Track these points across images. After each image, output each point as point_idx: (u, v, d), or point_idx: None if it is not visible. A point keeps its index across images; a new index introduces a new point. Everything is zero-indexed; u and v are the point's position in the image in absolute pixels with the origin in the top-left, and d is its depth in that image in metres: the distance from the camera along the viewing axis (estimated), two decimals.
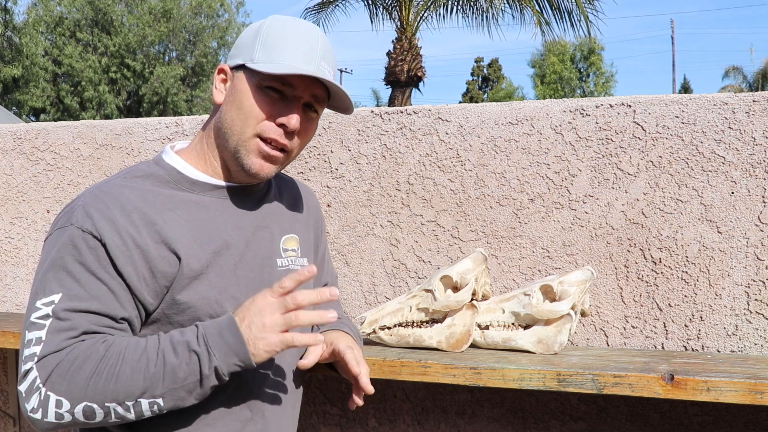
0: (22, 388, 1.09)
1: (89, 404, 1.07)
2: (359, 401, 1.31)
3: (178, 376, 1.09)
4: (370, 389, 1.28)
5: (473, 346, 1.60)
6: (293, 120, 1.21)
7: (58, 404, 1.07)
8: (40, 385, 1.08)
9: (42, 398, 1.07)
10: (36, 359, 1.09)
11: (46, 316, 1.10)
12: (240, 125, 1.22)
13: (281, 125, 1.22)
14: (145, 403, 1.09)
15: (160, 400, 1.09)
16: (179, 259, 1.18)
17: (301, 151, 1.31)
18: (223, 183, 1.28)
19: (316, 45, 1.24)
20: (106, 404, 1.08)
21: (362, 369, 1.29)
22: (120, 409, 1.08)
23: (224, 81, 1.28)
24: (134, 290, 1.15)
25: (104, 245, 1.13)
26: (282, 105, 1.22)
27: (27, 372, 1.09)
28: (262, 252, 1.29)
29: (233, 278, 1.23)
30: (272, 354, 1.12)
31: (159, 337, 1.13)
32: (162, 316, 1.19)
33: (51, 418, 1.08)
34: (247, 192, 1.31)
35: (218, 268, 1.22)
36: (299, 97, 1.23)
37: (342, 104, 1.31)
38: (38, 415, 1.08)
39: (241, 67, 1.24)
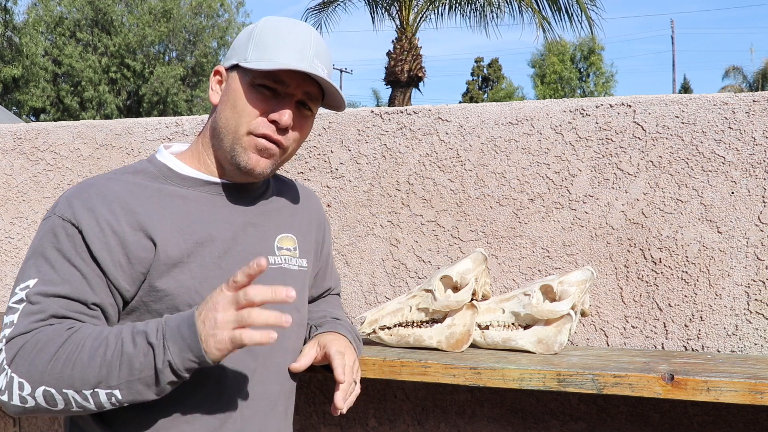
0: None
1: (48, 389, 1.06)
2: (339, 405, 1.27)
3: (135, 367, 1.06)
4: (339, 405, 1.26)
5: (473, 346, 1.60)
6: (285, 116, 1.22)
7: (21, 387, 1.07)
8: (6, 366, 1.08)
9: (8, 379, 1.07)
10: (5, 341, 1.10)
11: (20, 300, 1.12)
12: (234, 123, 1.23)
13: (273, 122, 1.23)
14: (102, 393, 1.06)
15: (117, 392, 1.06)
16: (155, 245, 1.18)
17: (297, 149, 1.31)
18: (217, 180, 1.29)
19: (309, 43, 1.24)
20: (64, 390, 1.06)
21: (346, 378, 1.28)
22: (78, 398, 1.06)
23: (220, 82, 1.29)
24: (110, 276, 1.16)
25: (81, 232, 1.15)
26: (274, 102, 1.23)
27: None
28: (251, 248, 1.29)
29: (217, 270, 1.23)
30: (224, 352, 1.05)
31: (123, 326, 1.11)
32: (140, 304, 1.19)
33: (16, 401, 1.07)
34: (242, 190, 1.31)
35: (200, 258, 1.22)
36: (292, 94, 1.24)
37: (334, 102, 1.31)
38: (5, 397, 1.08)
39: (235, 68, 1.26)
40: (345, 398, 1.28)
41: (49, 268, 1.14)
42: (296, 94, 1.24)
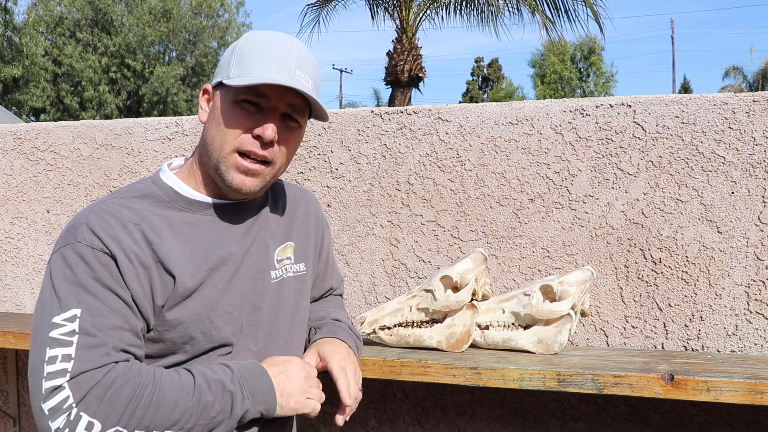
0: (47, 405, 1.05)
1: (120, 430, 1.06)
2: (339, 424, 1.32)
3: (210, 414, 1.13)
4: (339, 423, 1.33)
5: (473, 346, 1.60)
6: (268, 131, 1.20)
7: (89, 426, 1.05)
8: (73, 405, 1.05)
9: (72, 418, 1.05)
10: (68, 376, 1.06)
11: (71, 332, 1.08)
12: (219, 141, 1.22)
13: (258, 137, 1.22)
14: None
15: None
16: (174, 279, 1.18)
17: (286, 162, 1.30)
18: (218, 201, 1.29)
19: (290, 55, 1.23)
20: (136, 431, 1.08)
21: (352, 402, 1.31)
22: None
23: (208, 101, 1.28)
24: (140, 307, 1.16)
25: (116, 261, 1.14)
26: (258, 117, 1.22)
27: (56, 389, 1.06)
28: (255, 265, 1.29)
29: (226, 293, 1.24)
30: (297, 412, 1.23)
31: (193, 373, 1.16)
32: (155, 334, 1.19)
33: None
34: (242, 208, 1.31)
35: (212, 284, 1.23)
36: (275, 107, 1.23)
37: (317, 112, 1.30)
38: None
39: (220, 86, 1.26)
40: (346, 418, 1.32)
41: (91, 298, 1.11)
42: (279, 107, 1.23)
